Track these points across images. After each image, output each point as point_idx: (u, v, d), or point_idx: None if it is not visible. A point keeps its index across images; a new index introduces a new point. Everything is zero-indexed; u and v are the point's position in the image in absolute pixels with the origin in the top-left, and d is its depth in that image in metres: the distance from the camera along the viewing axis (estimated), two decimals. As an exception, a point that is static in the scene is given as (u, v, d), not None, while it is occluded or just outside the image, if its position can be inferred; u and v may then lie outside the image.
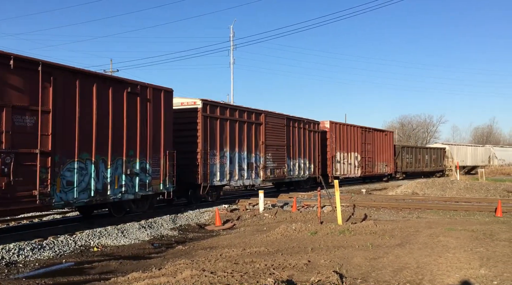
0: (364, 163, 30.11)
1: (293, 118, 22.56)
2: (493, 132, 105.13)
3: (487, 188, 23.47)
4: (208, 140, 16.29)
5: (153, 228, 12.25)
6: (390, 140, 34.93)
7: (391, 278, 6.14)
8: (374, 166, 31.71)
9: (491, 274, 6.24)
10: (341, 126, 27.80)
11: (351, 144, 28.51)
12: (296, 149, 22.65)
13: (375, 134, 32.10)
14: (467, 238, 8.92)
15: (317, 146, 24.93)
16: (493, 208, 14.52)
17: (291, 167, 22.23)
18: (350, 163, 28.31)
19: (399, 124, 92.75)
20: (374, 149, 31.60)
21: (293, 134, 22.42)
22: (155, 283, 5.78)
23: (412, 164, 39.59)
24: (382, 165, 33.06)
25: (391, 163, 34.80)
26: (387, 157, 33.98)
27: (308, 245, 8.74)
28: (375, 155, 31.76)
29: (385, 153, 33.65)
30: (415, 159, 40.10)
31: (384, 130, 34.94)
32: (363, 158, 30.00)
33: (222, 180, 17.13)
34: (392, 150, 35.09)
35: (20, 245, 9.15)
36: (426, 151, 43.43)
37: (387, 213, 15.02)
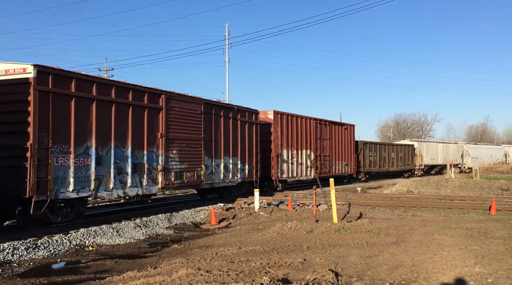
0: (319, 163, 25.69)
1: (216, 104, 17.33)
2: (487, 131, 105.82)
3: (482, 186, 23.59)
4: (50, 129, 10.61)
5: (148, 227, 12.22)
6: (351, 135, 30.20)
7: (386, 276, 6.15)
8: (332, 165, 27.19)
9: (486, 272, 6.27)
10: (289, 117, 22.94)
11: (302, 140, 23.86)
12: (221, 145, 17.08)
13: (332, 127, 27.52)
14: (462, 236, 8.96)
15: (255, 141, 19.44)
16: (488, 206, 14.59)
17: (213, 169, 16.58)
18: (300, 163, 23.67)
19: (394, 122, 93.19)
20: (332, 145, 27.21)
21: (217, 125, 16.89)
22: (150, 282, 5.77)
23: (376, 163, 35.02)
24: (341, 165, 28.53)
25: (352, 162, 30.21)
26: (347, 155, 29.39)
27: (304, 244, 8.75)
28: (332, 153, 27.28)
29: (345, 151, 29.08)
30: (379, 157, 35.46)
31: (343, 123, 29.89)
32: (318, 157, 25.55)
33: (81, 190, 11.34)
34: (353, 147, 30.46)
35: (14, 244, 9.09)
36: (393, 148, 38.77)
37: (382, 212, 15.06)
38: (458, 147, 51.14)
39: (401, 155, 39.68)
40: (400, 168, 39.67)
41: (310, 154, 24.74)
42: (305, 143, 24.26)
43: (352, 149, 30.39)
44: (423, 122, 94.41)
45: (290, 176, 22.95)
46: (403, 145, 41.62)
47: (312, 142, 25.01)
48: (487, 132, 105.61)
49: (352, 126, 30.76)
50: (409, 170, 41.85)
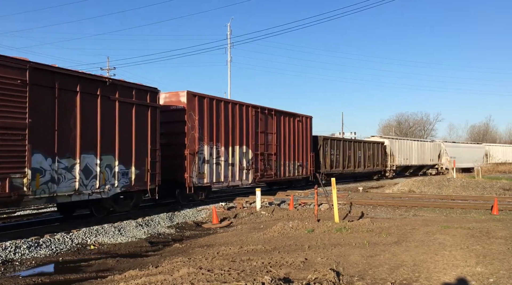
0: (261, 163, 20.17)
1: (64, 72, 11.08)
2: (489, 130, 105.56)
3: (484, 186, 23.55)
4: None
5: (150, 226, 12.24)
6: (307, 130, 24.86)
7: (387, 276, 6.15)
8: (280, 167, 21.82)
9: (488, 272, 6.26)
10: (214, 102, 17.19)
11: (235, 133, 18.39)
12: (75, 137, 11.30)
13: (281, 119, 22.09)
14: (464, 235, 8.95)
15: (151, 133, 13.67)
16: (489, 206, 14.56)
17: (56, 175, 10.76)
18: (232, 164, 18.20)
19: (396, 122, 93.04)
20: (281, 141, 21.90)
21: (68, 105, 11.11)
22: (152, 281, 5.78)
23: (339, 163, 29.58)
24: (293, 166, 23.17)
25: (309, 162, 24.86)
26: (302, 153, 24.09)
27: (305, 243, 8.75)
28: (281, 151, 21.91)
29: (299, 148, 23.75)
30: (343, 156, 30.05)
31: (296, 114, 23.82)
32: (260, 156, 19.99)
33: None
34: (309, 144, 25.06)
35: (16, 243, 9.12)
36: (360, 145, 32.96)
37: (384, 211, 15.06)
38: (435, 146, 45.96)
39: (369, 154, 34.01)
40: (368, 169, 34.09)
41: (247, 152, 19.09)
42: (240, 137, 18.63)
43: (309, 146, 24.96)
44: (425, 121, 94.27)
45: (216, 180, 17.25)
46: (372, 142, 35.42)
47: (251, 137, 19.40)
48: (489, 132, 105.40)
49: (308, 118, 25.14)
50: (378, 172, 36.36)
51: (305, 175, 24.59)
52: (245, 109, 19.28)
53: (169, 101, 16.21)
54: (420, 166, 43.05)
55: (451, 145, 49.21)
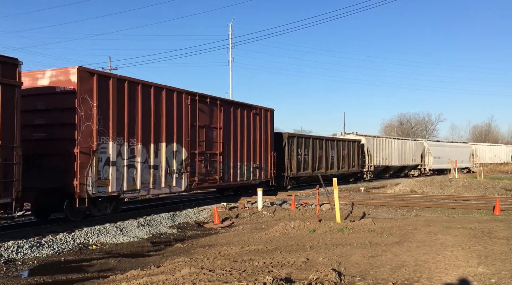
0: (200, 165, 15.88)
1: None
2: (491, 131, 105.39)
3: (486, 186, 23.52)
4: None
5: (151, 226, 12.25)
6: (266, 125, 20.39)
7: (389, 276, 6.15)
8: (228, 170, 17.51)
9: (489, 272, 6.25)
10: (123, 84, 12.86)
11: (160, 127, 13.99)
12: None
13: (230, 110, 17.76)
14: (465, 236, 8.94)
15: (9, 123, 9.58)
16: (491, 206, 14.55)
17: None
18: (155, 166, 13.75)
19: (398, 122, 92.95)
20: (229, 138, 17.63)
21: None
22: (153, 281, 5.79)
23: (308, 164, 25.20)
24: (247, 168, 18.82)
25: (270, 164, 20.54)
26: (259, 153, 19.70)
27: (307, 243, 8.75)
28: (230, 150, 17.64)
29: (255, 147, 19.40)
30: (313, 156, 25.59)
31: (252, 106, 19.47)
32: (198, 156, 15.69)
33: None
34: (270, 142, 20.60)
35: (18, 243, 9.14)
36: (332, 144, 28.45)
37: (386, 211, 15.05)
38: (417, 145, 41.90)
39: (344, 153, 29.83)
40: (343, 171, 29.55)
41: (179, 150, 14.79)
42: (168, 132, 14.34)
43: (269, 144, 20.52)
44: (427, 122, 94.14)
45: (128, 189, 12.81)
46: (347, 140, 31.08)
47: (185, 132, 15.06)
48: (492, 132, 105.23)
49: (269, 110, 20.75)
50: (355, 174, 32.03)
51: (263, 179, 20.00)
52: (176, 97, 14.68)
53: (56, 81, 11.89)
54: (401, 167, 39.33)
55: (435, 144, 45.76)
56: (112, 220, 12.30)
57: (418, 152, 41.56)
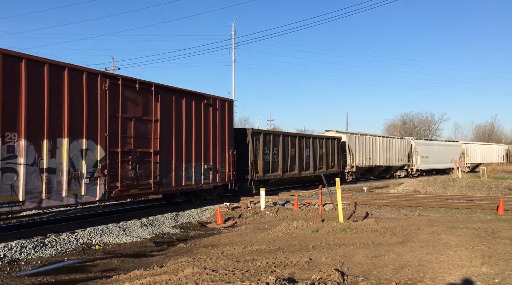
0: (129, 167, 12.77)
1: None
2: (495, 130, 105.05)
3: (489, 186, 23.43)
4: None
5: (154, 226, 12.27)
6: (223, 118, 17.31)
7: (392, 276, 6.13)
8: (168, 172, 14.21)
9: (493, 272, 6.23)
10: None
11: (58, 117, 10.81)
12: None
13: (171, 100, 14.53)
14: (469, 236, 8.91)
15: None
16: (495, 206, 14.50)
17: None
18: (52, 170, 10.49)
19: (401, 121, 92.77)
20: (171, 133, 14.42)
21: None
22: (156, 281, 5.79)
23: (277, 165, 21.69)
24: (197, 170, 15.55)
25: (227, 165, 17.38)
26: (213, 152, 16.58)
27: (310, 243, 8.74)
28: (171, 148, 14.38)
29: (207, 144, 16.26)
30: (283, 155, 22.26)
31: (202, 95, 16.29)
32: (122, 156, 12.47)
33: None
34: (227, 139, 17.48)
35: (22, 243, 9.18)
36: (307, 142, 25.07)
37: (389, 211, 15.02)
38: (404, 143, 38.75)
39: (321, 153, 26.32)
40: (320, 172, 24.94)
41: (92, 149, 11.55)
42: (72, 124, 11.10)
43: (227, 142, 17.44)
44: (430, 121, 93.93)
45: (2, 201, 9.42)
46: (324, 138, 27.41)
47: (100, 125, 11.82)
48: (495, 131, 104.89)
49: (226, 101, 17.71)
50: (335, 175, 25.25)
51: (219, 182, 16.91)
52: (86, 79, 11.51)
53: None
54: (386, 168, 36.18)
55: (423, 143, 43.25)
56: (115, 220, 12.34)
57: (404, 152, 38.74)
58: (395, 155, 36.74)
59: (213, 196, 17.50)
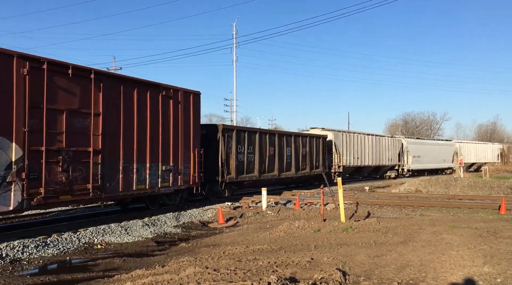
0: (58, 169, 10.57)
1: None
2: (497, 129, 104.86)
3: (491, 186, 23.41)
4: None
5: (156, 226, 12.28)
6: (187, 112, 15.06)
7: (394, 276, 6.13)
8: (114, 174, 12.11)
9: (495, 272, 6.22)
10: None
11: None
12: None
13: (119, 90, 12.43)
14: (471, 235, 8.90)
15: None
16: (497, 205, 14.47)
17: None
18: None
19: (403, 121, 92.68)
20: (119, 129, 12.37)
21: None
22: (158, 280, 5.80)
23: (253, 165, 19.48)
24: (151, 172, 13.38)
25: (192, 165, 15.20)
26: (174, 151, 14.36)
27: (311, 243, 8.74)
28: (118, 146, 12.31)
29: (166, 142, 14.07)
30: (260, 155, 19.92)
31: (160, 85, 14.03)
32: (48, 155, 10.30)
33: None
34: (192, 135, 15.26)
35: (24, 242, 9.19)
36: (289, 140, 22.81)
37: (390, 211, 15.00)
38: (395, 142, 36.68)
39: (304, 152, 24.19)
40: (303, 173, 23.93)
41: (3, 147, 9.51)
42: None
43: (192, 139, 15.27)
44: (432, 121, 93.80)
45: None
46: (308, 136, 25.20)
47: (16, 117, 9.77)
48: (497, 130, 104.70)
49: (191, 94, 15.35)
50: (320, 176, 25.05)
51: (182, 185, 14.75)
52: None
53: None
54: (376, 168, 34.24)
55: (415, 142, 41.36)
56: (117, 220, 12.36)
57: (395, 151, 36.61)
58: (385, 154, 34.99)
59: (175, 201, 15.48)
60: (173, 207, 15.14)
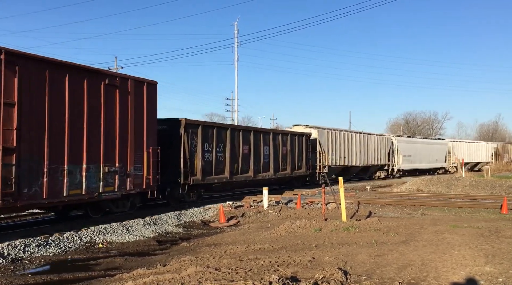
0: None
1: None
2: (498, 129, 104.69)
3: (493, 185, 23.38)
4: None
5: (157, 225, 12.29)
6: (140, 105, 13.04)
7: (395, 275, 6.12)
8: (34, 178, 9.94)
9: (497, 271, 6.21)
10: None
11: None
12: None
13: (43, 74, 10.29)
14: (472, 235, 8.89)
15: None
16: (499, 205, 14.45)
17: None
18: None
19: (404, 120, 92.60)
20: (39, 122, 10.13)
21: None
22: (159, 279, 5.80)
23: (223, 165, 17.54)
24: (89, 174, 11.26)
25: (145, 166, 13.02)
26: (121, 149, 12.30)
27: (313, 242, 8.74)
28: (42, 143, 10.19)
29: (111, 138, 12.05)
30: (232, 154, 17.92)
31: (102, 72, 12.37)
32: None
33: None
34: (147, 132, 13.25)
35: (26, 241, 9.21)
36: (267, 138, 20.74)
37: (392, 210, 14.99)
38: (384, 141, 34.82)
39: (284, 151, 22.12)
40: (283, 174, 21.87)
41: None
42: None
43: (145, 135, 13.15)
44: (433, 120, 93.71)
45: None
46: (289, 134, 23.14)
47: None
48: (499, 130, 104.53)
49: (145, 83, 13.26)
50: (303, 176, 24.33)
51: (132, 189, 12.66)
52: None
53: None
54: (364, 167, 32.58)
55: (406, 140, 39.57)
56: (118, 219, 12.36)
57: (385, 150, 34.86)
58: (374, 153, 33.18)
59: (125, 208, 13.37)
60: (174, 207, 15.15)
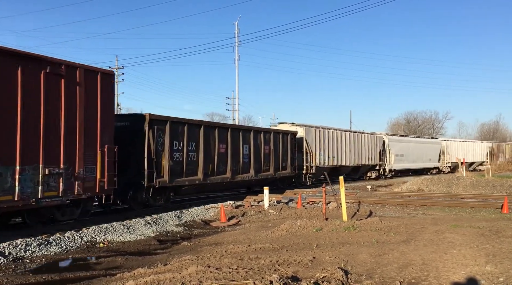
0: None
1: None
2: (499, 128, 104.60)
3: (494, 185, 23.36)
4: None
5: (158, 224, 12.30)
6: (93, 98, 11.46)
7: (396, 275, 6.12)
8: None
9: (497, 271, 6.21)
10: None
11: None
12: None
13: None
14: (473, 234, 8.89)
15: None
16: (500, 204, 14.44)
17: None
18: None
19: (405, 120, 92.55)
20: None
21: None
22: (160, 279, 5.81)
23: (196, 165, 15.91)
24: (23, 178, 9.65)
25: (99, 167, 11.55)
26: (69, 147, 10.72)
27: (313, 242, 8.74)
28: None
29: (54, 135, 10.40)
30: (206, 153, 16.28)
31: (44, 59, 10.29)
32: None
33: None
34: (102, 128, 11.70)
35: (27, 241, 9.22)
36: (246, 136, 19.11)
37: (393, 210, 14.99)
38: (375, 140, 33.39)
39: (267, 150, 20.42)
40: (265, 175, 20.08)
41: None
42: None
43: (99, 133, 11.66)
44: (434, 120, 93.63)
45: None
46: (272, 132, 21.47)
47: None
48: (500, 130, 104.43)
49: (99, 73, 11.79)
50: (289, 178, 22.77)
51: (82, 194, 11.15)
52: None
53: None
54: (354, 168, 31.13)
55: (398, 139, 37.97)
56: (119, 218, 12.37)
57: (376, 149, 33.37)
58: (365, 153, 31.82)
59: (74, 215, 11.75)
60: (175, 206, 15.15)
